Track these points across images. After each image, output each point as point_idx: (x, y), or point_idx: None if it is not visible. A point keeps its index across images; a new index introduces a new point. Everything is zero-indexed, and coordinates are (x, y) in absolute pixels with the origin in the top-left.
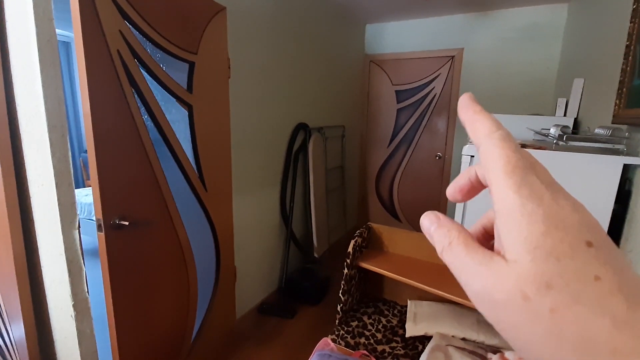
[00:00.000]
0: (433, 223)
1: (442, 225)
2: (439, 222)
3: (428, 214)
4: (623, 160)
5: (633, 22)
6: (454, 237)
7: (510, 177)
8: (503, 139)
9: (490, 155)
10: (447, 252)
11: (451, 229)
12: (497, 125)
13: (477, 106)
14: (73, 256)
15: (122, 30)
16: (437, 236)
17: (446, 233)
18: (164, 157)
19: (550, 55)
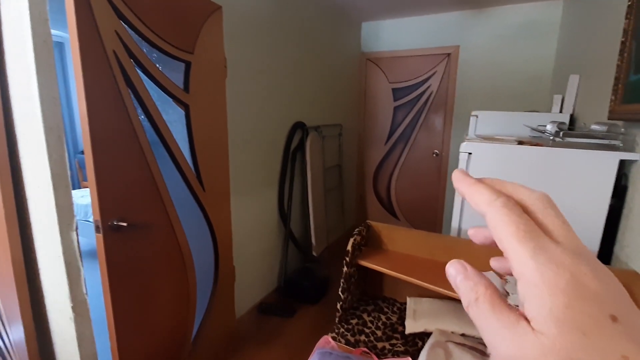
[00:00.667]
0: (459, 273)
1: (468, 278)
2: (465, 274)
3: (454, 263)
4: (619, 155)
5: (628, 19)
6: (480, 293)
7: (523, 243)
8: (505, 206)
9: (498, 223)
10: (473, 308)
11: (478, 284)
12: (495, 193)
13: (470, 179)
14: (71, 258)
15: (118, 31)
16: (463, 288)
17: (473, 287)
18: (162, 158)
19: (545, 52)
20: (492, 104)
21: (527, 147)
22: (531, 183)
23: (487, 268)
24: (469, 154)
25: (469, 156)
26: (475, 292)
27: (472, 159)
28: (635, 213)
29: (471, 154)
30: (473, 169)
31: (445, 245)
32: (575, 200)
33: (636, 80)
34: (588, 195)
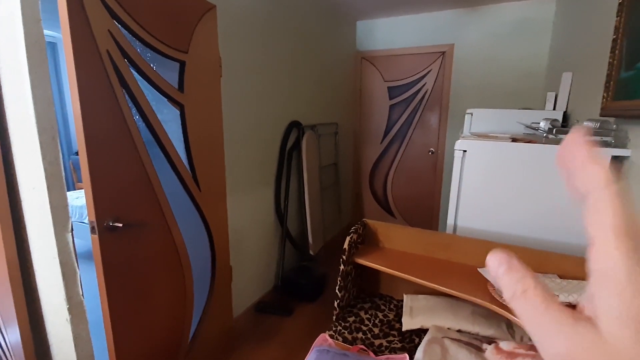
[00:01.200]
0: (502, 264)
1: (514, 269)
2: (510, 264)
3: (496, 253)
4: (611, 152)
5: (619, 16)
6: (529, 286)
7: (621, 239)
8: (621, 195)
9: (603, 209)
10: (520, 301)
11: (526, 276)
12: (614, 176)
13: (594, 148)
14: (67, 259)
15: (112, 30)
16: (507, 279)
17: (520, 278)
18: (157, 158)
19: (539, 49)
20: (486, 101)
21: (521, 144)
22: (525, 179)
23: (482, 264)
24: (464, 151)
25: (463, 154)
26: (522, 284)
27: (466, 157)
28: None
29: (466, 152)
30: (468, 166)
31: (441, 243)
32: (568, 196)
33: (627, 77)
34: None
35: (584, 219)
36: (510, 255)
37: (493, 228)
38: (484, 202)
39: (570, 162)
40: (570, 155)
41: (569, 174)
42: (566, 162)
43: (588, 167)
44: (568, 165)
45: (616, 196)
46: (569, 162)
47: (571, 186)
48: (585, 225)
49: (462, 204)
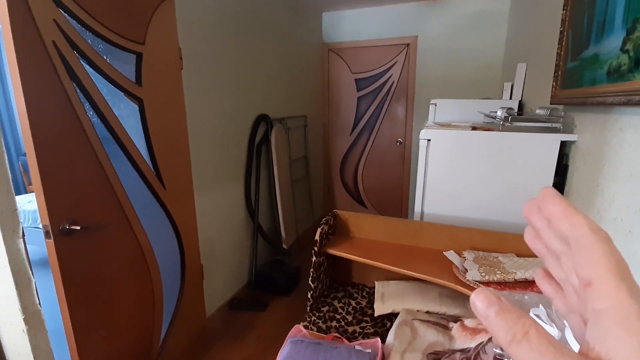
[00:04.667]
0: (492, 305)
1: (507, 310)
2: (501, 305)
3: (482, 293)
4: (560, 137)
5: (565, 9)
6: (530, 327)
7: (621, 279)
8: (609, 240)
9: (595, 253)
10: (523, 346)
11: (522, 316)
12: (596, 223)
13: (565, 200)
14: (19, 267)
15: (57, 20)
16: (502, 322)
17: (516, 319)
18: (115, 155)
19: (496, 41)
20: (449, 92)
21: (480, 132)
22: (484, 165)
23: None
24: (428, 140)
25: (428, 143)
26: (522, 326)
27: (431, 146)
28: (575, 190)
29: (430, 141)
30: (432, 155)
31: (410, 230)
32: (523, 180)
33: (572, 67)
34: (534, 174)
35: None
36: (498, 294)
37: (457, 213)
38: (448, 189)
39: (552, 214)
40: (551, 209)
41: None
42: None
43: (572, 217)
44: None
45: (606, 240)
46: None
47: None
48: (575, 266)
49: (428, 191)
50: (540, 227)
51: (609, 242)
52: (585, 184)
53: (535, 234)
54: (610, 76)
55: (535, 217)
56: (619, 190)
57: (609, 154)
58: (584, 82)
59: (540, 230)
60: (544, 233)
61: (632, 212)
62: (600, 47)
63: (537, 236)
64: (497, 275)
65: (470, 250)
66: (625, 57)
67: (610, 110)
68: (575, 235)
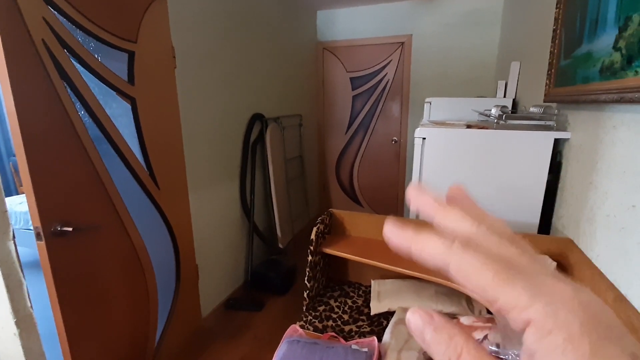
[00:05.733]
0: (427, 324)
1: (439, 328)
2: (434, 324)
3: (415, 312)
4: (554, 135)
5: (558, 8)
6: (461, 346)
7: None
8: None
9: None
10: None
11: (455, 335)
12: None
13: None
14: (10, 270)
15: (46, 17)
16: (435, 344)
17: (448, 340)
18: (108, 155)
19: (490, 40)
20: (444, 90)
21: (475, 130)
22: (478, 163)
23: None
24: (424, 139)
25: (423, 141)
26: (455, 347)
27: (426, 144)
28: (568, 187)
29: (425, 139)
30: (427, 153)
31: None
32: (518, 178)
33: (565, 65)
34: (529, 172)
35: None
36: (431, 313)
37: None
38: (444, 187)
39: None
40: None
41: None
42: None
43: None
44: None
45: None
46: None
47: None
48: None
49: None
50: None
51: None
52: (579, 181)
53: None
54: (603, 74)
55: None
56: (612, 187)
57: (602, 151)
58: (577, 80)
59: None
60: None
61: (625, 209)
62: (593, 45)
63: None
64: None
65: None
66: (617, 55)
67: (603, 108)
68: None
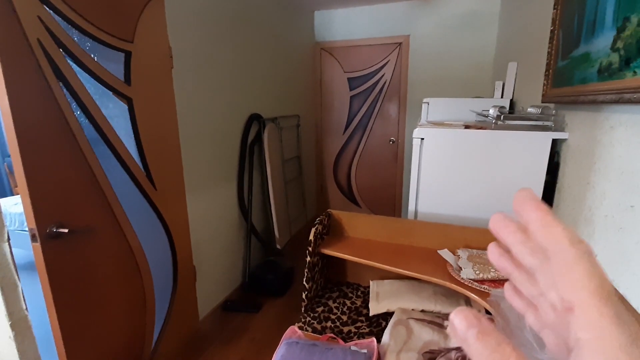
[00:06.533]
0: (472, 327)
1: (487, 334)
2: (481, 328)
3: (461, 313)
4: (551, 135)
5: (556, 9)
6: (509, 356)
7: (605, 304)
8: (591, 254)
9: (578, 271)
10: None
11: (501, 342)
12: (577, 234)
13: (545, 206)
14: (4, 272)
15: (42, 16)
16: (481, 348)
17: (495, 347)
18: (104, 156)
19: (487, 41)
20: (441, 90)
21: (473, 130)
22: (476, 164)
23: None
24: (422, 139)
25: (421, 141)
26: (502, 356)
27: (424, 144)
28: (566, 187)
29: (424, 139)
30: (425, 154)
31: (404, 228)
32: (515, 178)
33: (563, 65)
34: (526, 172)
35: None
36: (479, 315)
37: (450, 211)
38: (442, 187)
39: (529, 221)
40: (528, 215)
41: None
42: (524, 219)
43: (551, 227)
44: (523, 221)
45: (588, 255)
46: (523, 219)
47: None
48: (554, 285)
49: (422, 190)
50: (512, 243)
51: (590, 257)
52: (577, 181)
53: (501, 251)
54: (601, 75)
55: (505, 233)
56: (610, 187)
57: (600, 152)
58: (575, 81)
59: (512, 247)
60: (516, 250)
61: (623, 209)
62: (591, 46)
63: (503, 254)
64: (491, 273)
65: (464, 249)
66: (615, 56)
67: (601, 109)
68: (554, 249)
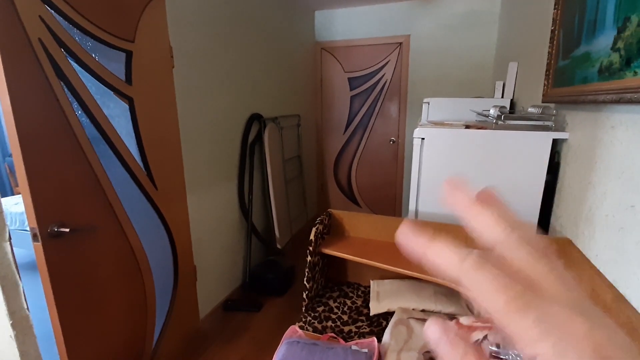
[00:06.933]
0: (442, 336)
1: (454, 343)
2: (449, 339)
3: (434, 323)
4: (552, 135)
5: (556, 9)
6: None
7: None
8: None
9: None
10: None
11: (468, 352)
12: (462, 250)
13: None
14: (5, 271)
15: (43, 16)
16: (449, 354)
17: (462, 355)
18: (105, 156)
19: (487, 41)
20: (442, 90)
21: (473, 130)
22: (477, 163)
23: None
24: (422, 139)
25: (422, 141)
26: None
27: (425, 144)
28: (566, 187)
29: (424, 139)
30: (426, 153)
31: None
32: (516, 178)
33: (563, 65)
34: (527, 172)
35: None
36: (446, 324)
37: (451, 211)
38: (442, 187)
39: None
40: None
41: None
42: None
43: (435, 261)
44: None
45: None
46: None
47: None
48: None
49: (422, 190)
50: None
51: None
52: (577, 181)
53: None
54: (601, 74)
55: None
56: (611, 187)
57: (601, 152)
58: (576, 81)
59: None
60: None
61: (624, 209)
62: (592, 46)
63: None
64: None
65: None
66: (616, 56)
67: (602, 108)
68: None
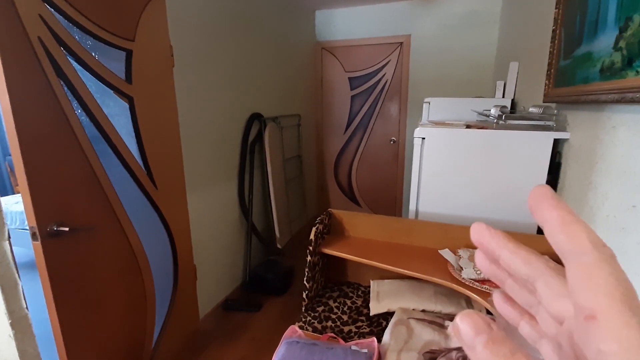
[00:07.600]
0: (481, 332)
1: (498, 342)
2: (491, 335)
3: (468, 317)
4: (553, 135)
5: (558, 8)
6: None
7: (631, 314)
8: (614, 258)
9: (600, 276)
10: None
11: (515, 352)
12: (599, 237)
13: (564, 204)
14: (5, 270)
15: (43, 14)
16: (490, 355)
17: (509, 357)
18: (105, 155)
19: (488, 40)
20: (442, 90)
21: (474, 130)
22: (478, 163)
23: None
24: (423, 139)
25: (422, 141)
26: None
27: (425, 144)
28: (567, 187)
29: (425, 139)
30: (427, 153)
31: (404, 228)
32: (517, 178)
33: (565, 65)
34: (528, 172)
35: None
36: (488, 320)
37: (451, 211)
38: (443, 187)
39: (545, 220)
40: (545, 215)
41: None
42: (541, 220)
43: (571, 226)
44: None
45: (611, 260)
46: (543, 221)
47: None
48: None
49: (423, 190)
50: (500, 253)
51: (614, 262)
52: (578, 181)
53: (491, 259)
54: (603, 74)
55: (488, 241)
56: (612, 187)
57: (602, 152)
58: (577, 80)
59: (505, 259)
60: (507, 259)
61: (625, 209)
62: (593, 46)
63: (495, 261)
64: None
65: (466, 249)
66: (618, 55)
67: (603, 108)
68: (574, 250)
